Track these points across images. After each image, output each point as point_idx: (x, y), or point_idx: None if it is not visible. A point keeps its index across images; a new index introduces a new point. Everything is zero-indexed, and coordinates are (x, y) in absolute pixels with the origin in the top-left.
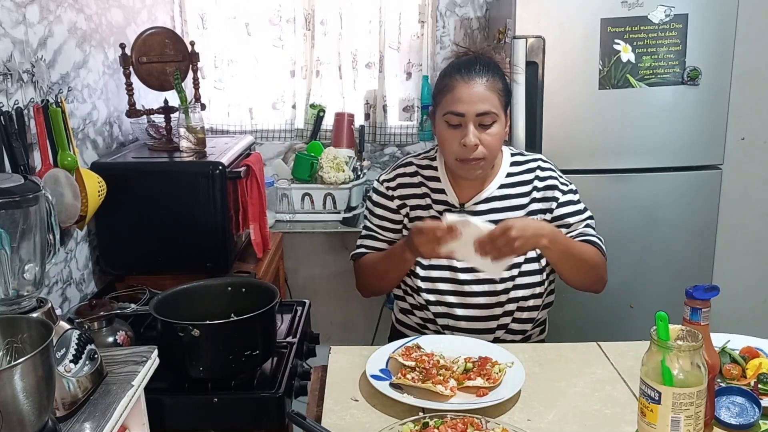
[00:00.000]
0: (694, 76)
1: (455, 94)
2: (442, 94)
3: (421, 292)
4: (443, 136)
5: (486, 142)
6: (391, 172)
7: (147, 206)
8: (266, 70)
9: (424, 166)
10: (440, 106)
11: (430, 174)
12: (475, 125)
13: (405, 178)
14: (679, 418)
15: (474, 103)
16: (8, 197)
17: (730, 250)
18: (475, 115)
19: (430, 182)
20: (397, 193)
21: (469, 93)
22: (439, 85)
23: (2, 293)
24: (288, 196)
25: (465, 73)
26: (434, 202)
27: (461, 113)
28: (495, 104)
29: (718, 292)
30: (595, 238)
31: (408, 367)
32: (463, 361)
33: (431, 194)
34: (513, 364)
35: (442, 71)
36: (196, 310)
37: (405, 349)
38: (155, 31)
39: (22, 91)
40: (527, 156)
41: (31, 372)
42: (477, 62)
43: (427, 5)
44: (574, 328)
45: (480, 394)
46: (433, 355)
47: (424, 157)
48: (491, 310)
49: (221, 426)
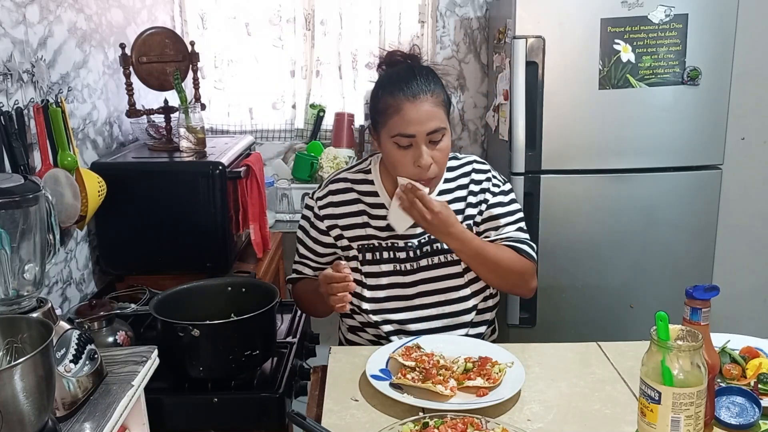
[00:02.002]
0: (694, 76)
1: (403, 116)
2: (387, 114)
3: (368, 313)
4: (393, 158)
5: (437, 158)
6: (324, 189)
7: (147, 206)
8: (266, 70)
9: (359, 181)
10: (386, 128)
11: (366, 189)
12: (426, 144)
13: (337, 195)
14: (679, 418)
15: (423, 122)
16: (8, 197)
17: (730, 250)
18: (425, 134)
19: (366, 197)
20: (326, 213)
21: (417, 113)
22: (380, 105)
23: (2, 293)
24: (288, 196)
25: (408, 90)
26: (371, 217)
27: (412, 134)
28: (442, 118)
29: (718, 292)
30: (521, 244)
31: (408, 367)
32: (463, 361)
33: (369, 210)
34: (513, 364)
35: (380, 87)
36: (196, 310)
37: (405, 349)
38: (155, 31)
39: (22, 91)
40: (461, 159)
41: (31, 372)
42: (415, 75)
43: (427, 5)
44: (574, 328)
45: (480, 394)
46: (433, 355)
47: (358, 171)
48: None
49: (221, 426)
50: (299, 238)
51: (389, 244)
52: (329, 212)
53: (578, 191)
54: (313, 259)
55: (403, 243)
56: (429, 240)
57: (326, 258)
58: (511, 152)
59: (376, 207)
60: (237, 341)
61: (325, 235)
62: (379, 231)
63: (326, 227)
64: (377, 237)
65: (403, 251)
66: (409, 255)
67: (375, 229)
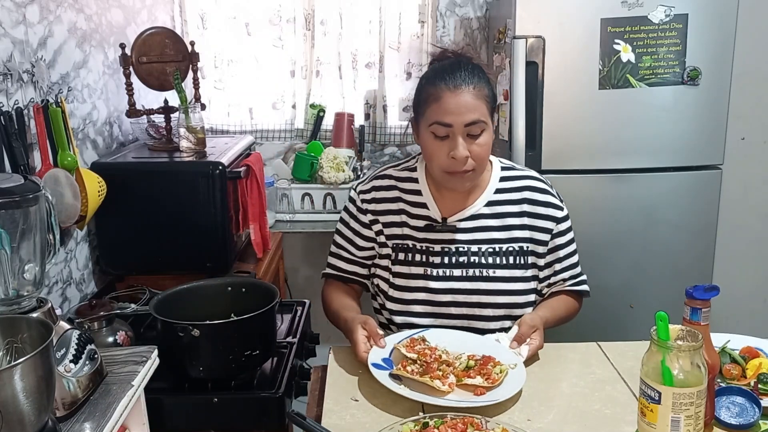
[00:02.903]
0: (694, 76)
1: (441, 104)
2: (427, 103)
3: (392, 313)
4: (430, 148)
5: (475, 153)
6: (368, 183)
7: (147, 206)
8: (266, 70)
9: (404, 179)
10: (425, 117)
11: (410, 187)
12: (463, 136)
13: (380, 192)
14: (679, 418)
15: (462, 113)
16: (8, 197)
17: (730, 250)
18: (463, 125)
19: (409, 196)
20: (371, 207)
21: (456, 103)
22: (422, 94)
23: (2, 293)
24: (288, 196)
25: (450, 81)
26: (411, 216)
27: (449, 124)
28: (483, 113)
29: (718, 292)
30: (581, 285)
31: (410, 359)
32: (466, 358)
33: (409, 209)
34: (516, 366)
35: (424, 78)
36: (196, 310)
37: (410, 341)
38: (155, 31)
39: (22, 91)
40: (519, 171)
41: (31, 372)
42: (461, 67)
43: (427, 5)
44: (574, 328)
45: (477, 393)
46: (436, 349)
47: (404, 168)
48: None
49: (221, 426)
50: (338, 230)
51: (424, 247)
52: (372, 207)
53: (578, 191)
54: (351, 252)
55: (439, 248)
56: (467, 251)
57: (364, 252)
58: (511, 152)
59: (417, 206)
60: (237, 341)
61: (368, 229)
62: (415, 231)
63: (369, 221)
64: (413, 238)
65: (438, 256)
66: (444, 261)
67: (412, 229)
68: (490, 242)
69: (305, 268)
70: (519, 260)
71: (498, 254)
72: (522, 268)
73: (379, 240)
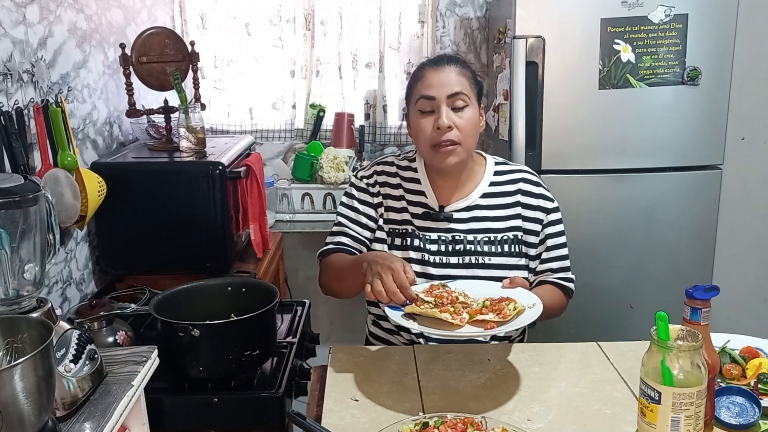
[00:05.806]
0: (694, 76)
1: (425, 81)
2: (413, 86)
3: None
4: (417, 126)
5: (459, 125)
6: (370, 169)
7: (147, 206)
8: (266, 70)
9: (404, 167)
10: (412, 98)
11: (410, 175)
12: (447, 107)
13: (384, 176)
14: (679, 418)
15: (444, 86)
16: (8, 197)
17: (730, 250)
18: (446, 96)
19: (409, 183)
20: (376, 190)
21: (438, 77)
22: (410, 83)
23: (2, 293)
24: (288, 196)
25: (433, 63)
26: (410, 204)
27: (432, 96)
28: (466, 87)
29: (718, 292)
30: (568, 283)
31: (427, 301)
32: (482, 300)
33: (408, 196)
34: (535, 306)
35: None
36: (196, 310)
37: (430, 287)
38: (155, 31)
39: (22, 91)
40: (511, 166)
41: (31, 372)
42: (445, 55)
43: (427, 5)
44: (574, 328)
45: (488, 327)
46: (453, 292)
47: (404, 158)
48: None
49: (221, 426)
50: (340, 212)
51: (422, 234)
52: (377, 190)
53: (578, 191)
54: (355, 230)
55: (436, 236)
56: (463, 239)
57: (368, 233)
58: (511, 152)
59: (416, 194)
60: (237, 341)
61: (374, 209)
62: (414, 218)
63: (377, 203)
64: (412, 224)
65: (435, 244)
66: (440, 249)
67: (411, 216)
68: (485, 231)
69: (305, 268)
70: (513, 248)
71: (493, 243)
72: (516, 256)
73: (379, 223)
